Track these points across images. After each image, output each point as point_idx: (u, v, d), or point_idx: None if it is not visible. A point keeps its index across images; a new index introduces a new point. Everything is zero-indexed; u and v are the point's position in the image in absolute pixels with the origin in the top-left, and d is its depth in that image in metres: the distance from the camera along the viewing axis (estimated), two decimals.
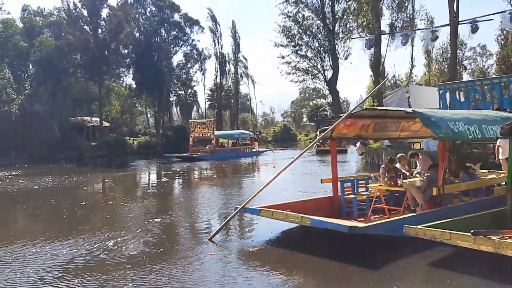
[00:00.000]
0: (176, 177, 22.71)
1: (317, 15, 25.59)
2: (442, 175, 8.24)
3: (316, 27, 26.06)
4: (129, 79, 52.33)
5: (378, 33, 22.20)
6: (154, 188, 18.65)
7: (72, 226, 9.85)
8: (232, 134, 44.52)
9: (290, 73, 25.98)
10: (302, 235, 8.35)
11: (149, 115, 76.50)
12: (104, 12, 43.95)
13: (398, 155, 11.24)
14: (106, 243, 7.94)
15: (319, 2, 25.40)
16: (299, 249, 7.36)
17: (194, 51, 52.92)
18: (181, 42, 51.12)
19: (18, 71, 43.84)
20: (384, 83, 17.25)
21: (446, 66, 39.93)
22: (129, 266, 6.58)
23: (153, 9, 49.52)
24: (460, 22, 20.90)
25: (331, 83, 25.34)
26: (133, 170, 28.69)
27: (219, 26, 58.38)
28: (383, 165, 10.63)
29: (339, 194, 9.70)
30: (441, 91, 14.99)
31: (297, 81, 26.36)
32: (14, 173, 24.67)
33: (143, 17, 49.07)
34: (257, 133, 64.08)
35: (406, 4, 27.37)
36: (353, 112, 9.62)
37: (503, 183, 9.44)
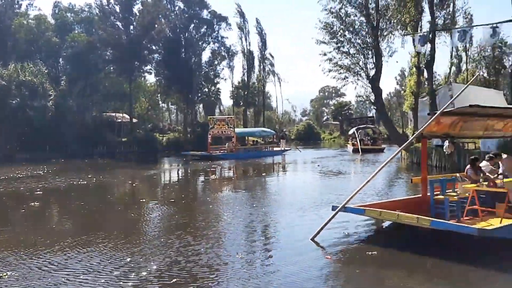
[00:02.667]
0: (216, 176, 22.46)
1: (361, 11, 25.13)
2: None
3: (359, 24, 25.62)
4: (155, 76, 52.20)
5: (433, 29, 21.60)
6: (204, 189, 18.48)
7: (139, 229, 9.61)
8: (253, 131, 43.16)
9: (331, 70, 25.39)
10: (397, 233, 8.19)
11: (172, 112, 76.55)
12: (136, 8, 44.10)
13: (488, 156, 10.78)
14: (201, 247, 7.61)
15: None
16: (405, 249, 7.14)
17: (222, 47, 52.56)
18: (210, 39, 50.81)
19: (50, 66, 44.02)
20: (472, 81, 16.56)
21: (484, 65, 38.85)
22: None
23: (182, 6, 49.28)
24: None
25: (374, 80, 24.79)
26: (172, 166, 28.56)
27: (247, 22, 58.04)
28: (468, 166, 10.18)
29: (428, 194, 9.32)
30: None
31: (339, 79, 25.77)
32: (54, 168, 24.63)
33: (172, 13, 48.87)
34: (283, 130, 63.25)
35: (449, 1, 26.56)
36: (450, 109, 9.17)
37: None
